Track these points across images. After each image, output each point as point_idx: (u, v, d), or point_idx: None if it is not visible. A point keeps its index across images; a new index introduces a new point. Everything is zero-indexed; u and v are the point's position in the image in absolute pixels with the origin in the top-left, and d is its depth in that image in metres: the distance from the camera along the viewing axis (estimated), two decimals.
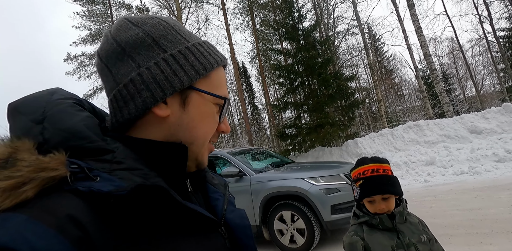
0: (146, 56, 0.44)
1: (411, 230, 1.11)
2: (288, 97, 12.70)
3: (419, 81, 14.93)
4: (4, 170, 0.32)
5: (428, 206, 4.59)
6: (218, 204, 0.52)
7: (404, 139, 9.16)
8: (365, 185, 1.13)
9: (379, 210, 1.11)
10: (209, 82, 0.47)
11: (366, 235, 1.10)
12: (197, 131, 0.47)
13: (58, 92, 0.45)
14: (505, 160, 6.99)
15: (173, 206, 0.39)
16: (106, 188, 0.34)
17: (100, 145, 0.40)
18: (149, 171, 0.41)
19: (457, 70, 35.18)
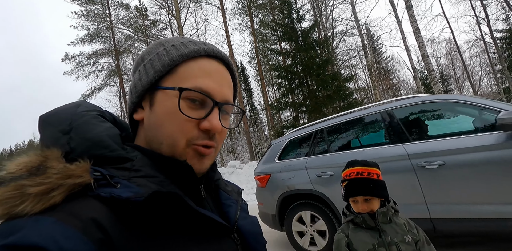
0: (134, 74, 0.51)
1: (395, 230, 1.15)
2: (286, 97, 12.74)
3: (417, 82, 15.02)
4: (36, 177, 0.35)
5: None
6: (231, 211, 0.52)
7: None
8: (349, 186, 1.22)
9: (361, 210, 1.19)
10: (176, 77, 0.47)
11: (350, 233, 1.17)
12: (163, 129, 0.46)
13: (83, 105, 0.49)
14: None
15: (187, 211, 0.40)
16: (125, 194, 0.37)
17: (120, 154, 0.44)
18: (165, 178, 0.43)
19: (454, 71, 35.47)
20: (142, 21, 20.08)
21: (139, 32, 19.21)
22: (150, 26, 20.33)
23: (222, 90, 0.48)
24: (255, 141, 35.28)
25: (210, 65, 0.48)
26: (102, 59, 20.60)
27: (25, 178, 0.35)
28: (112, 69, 21.02)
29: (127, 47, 20.55)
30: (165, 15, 20.30)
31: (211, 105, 0.47)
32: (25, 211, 0.33)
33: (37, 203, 0.33)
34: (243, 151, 32.38)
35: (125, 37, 20.45)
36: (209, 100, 0.47)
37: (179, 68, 0.47)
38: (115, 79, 21.25)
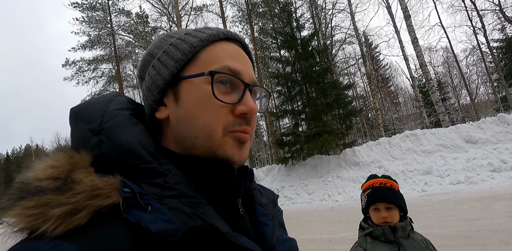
0: (146, 71, 0.46)
1: (413, 246, 1.17)
2: (286, 105, 12.80)
3: (415, 91, 15.16)
4: (62, 194, 0.32)
5: (426, 216, 4.64)
6: (267, 231, 0.46)
7: (401, 148, 9.25)
8: (372, 193, 1.26)
9: (382, 218, 1.20)
10: (199, 63, 0.44)
11: (369, 246, 1.18)
12: (196, 121, 0.42)
13: (116, 100, 0.45)
14: (500, 170, 7.09)
15: (223, 244, 0.36)
16: (154, 226, 0.32)
17: (154, 167, 0.38)
18: (200, 198, 0.38)
19: (451, 79, 35.75)
20: (143, 27, 20.27)
21: (139, 38, 19.36)
22: (151, 33, 20.50)
23: (249, 71, 0.46)
24: (253, 148, 35.19)
25: (232, 47, 0.46)
26: (102, 65, 20.68)
27: (50, 193, 0.32)
28: (112, 75, 21.08)
29: (127, 53, 20.68)
30: (166, 22, 20.51)
31: (242, 87, 0.44)
32: (46, 233, 0.30)
33: (59, 225, 0.30)
34: None
35: (125, 43, 20.60)
36: (239, 82, 0.43)
37: (201, 54, 0.44)
38: (115, 85, 21.29)
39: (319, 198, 8.37)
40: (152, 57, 0.46)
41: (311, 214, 6.56)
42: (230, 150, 0.42)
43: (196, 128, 0.42)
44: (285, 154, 11.50)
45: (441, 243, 3.37)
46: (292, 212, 7.17)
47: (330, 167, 9.73)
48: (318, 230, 4.87)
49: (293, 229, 5.34)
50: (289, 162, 10.86)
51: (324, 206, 7.37)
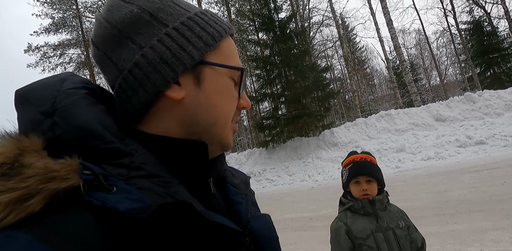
0: (146, 35, 0.39)
1: (390, 217, 1.24)
2: (265, 88, 12.76)
3: (389, 72, 15.58)
4: (8, 180, 0.28)
5: (399, 191, 4.93)
6: (241, 209, 0.47)
7: (376, 128, 9.62)
8: (353, 167, 1.30)
9: (362, 190, 1.25)
10: (220, 53, 0.43)
11: (349, 220, 1.23)
12: (217, 110, 0.42)
13: (69, 80, 0.40)
14: (466, 146, 7.60)
15: (198, 221, 0.34)
16: (123, 206, 0.29)
17: (118, 147, 0.35)
18: (171, 177, 0.37)
19: (423, 60, 37.36)
20: None
21: None
22: None
23: None
24: None
25: (234, 43, 0.47)
26: (69, 50, 19.33)
27: None
28: (82, 61, 19.84)
29: None
30: None
31: (238, 84, 0.46)
32: None
33: (8, 213, 0.27)
34: None
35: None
36: (238, 80, 0.46)
37: (223, 44, 0.43)
38: (85, 71, 20.11)
39: (300, 179, 8.62)
40: (159, 22, 0.40)
41: (293, 194, 6.77)
42: (230, 138, 0.45)
43: (216, 115, 0.42)
44: (266, 138, 11.62)
45: (413, 214, 3.59)
46: (274, 194, 7.36)
47: (310, 148, 9.97)
48: (300, 209, 5.06)
49: (276, 209, 5.50)
50: (269, 145, 11.01)
51: (304, 186, 7.62)
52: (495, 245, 2.46)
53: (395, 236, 1.19)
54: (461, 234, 2.80)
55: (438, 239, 2.80)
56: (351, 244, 1.19)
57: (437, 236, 2.86)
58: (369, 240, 1.17)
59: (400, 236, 1.20)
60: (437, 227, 3.07)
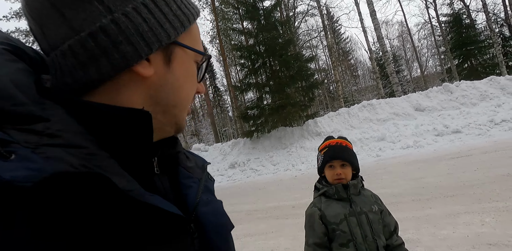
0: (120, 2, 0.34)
1: (363, 201, 1.24)
2: (250, 78, 12.63)
3: (372, 63, 15.78)
4: None
5: (379, 178, 5.06)
6: (190, 193, 0.44)
7: (359, 118, 9.78)
8: (328, 151, 1.28)
9: (336, 174, 1.23)
10: (190, 36, 0.42)
11: (323, 205, 1.22)
12: (182, 92, 0.41)
13: None
14: (443, 134, 7.88)
15: (121, 200, 0.29)
16: (10, 174, 0.24)
17: (31, 110, 0.29)
18: (98, 150, 0.31)
19: (405, 52, 38.34)
20: None
21: None
22: None
23: None
24: (219, 123, 35.01)
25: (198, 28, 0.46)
26: None
27: None
28: None
29: None
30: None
31: (200, 69, 0.45)
32: None
33: None
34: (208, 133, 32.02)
35: None
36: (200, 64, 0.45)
37: (193, 27, 0.42)
38: None
39: (284, 168, 8.71)
40: None
41: (276, 183, 6.83)
42: (184, 121, 0.45)
43: (179, 98, 0.41)
44: (250, 128, 11.59)
45: (392, 200, 3.72)
46: (258, 183, 7.40)
47: (294, 138, 10.04)
48: (283, 198, 5.10)
49: (259, 198, 5.54)
50: (254, 135, 10.99)
51: (288, 175, 7.70)
52: (466, 227, 2.56)
53: (368, 220, 1.19)
54: (435, 218, 2.91)
55: (413, 223, 2.89)
56: (324, 229, 1.18)
57: (412, 221, 2.96)
58: (342, 225, 1.17)
59: (373, 220, 1.19)
60: (413, 212, 3.17)
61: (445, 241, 2.42)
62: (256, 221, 4.09)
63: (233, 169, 10.08)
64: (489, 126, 7.59)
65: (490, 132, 7.35)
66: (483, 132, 7.43)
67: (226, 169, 10.26)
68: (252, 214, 4.52)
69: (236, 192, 6.89)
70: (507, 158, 4.60)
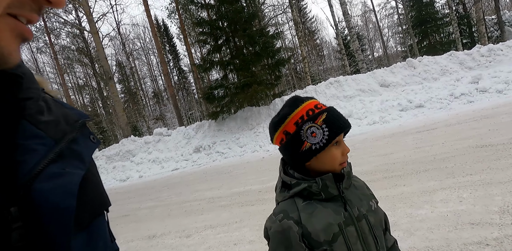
0: None
1: (358, 197, 0.78)
2: (213, 56, 11.79)
3: (338, 39, 15.58)
4: None
5: (348, 156, 4.84)
6: (29, 160, 0.31)
7: (326, 95, 9.57)
8: (332, 118, 0.74)
9: (346, 154, 0.77)
10: None
11: (302, 214, 0.71)
12: None
13: None
14: (407, 109, 7.92)
15: None
16: None
17: None
18: None
19: (368, 32, 39.38)
20: None
21: None
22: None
23: None
24: (185, 106, 33.65)
25: None
26: None
27: None
28: None
29: None
30: None
31: None
32: None
33: None
34: (173, 117, 30.65)
35: None
36: None
37: None
38: None
39: (251, 150, 8.34)
40: None
41: (243, 166, 6.44)
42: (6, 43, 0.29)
43: None
44: (215, 109, 10.95)
45: (363, 179, 3.44)
46: (224, 167, 6.97)
47: (261, 118, 9.64)
48: (249, 182, 4.72)
49: (224, 184, 5.11)
50: (219, 117, 10.40)
51: (255, 157, 7.34)
52: (444, 205, 2.33)
53: (370, 226, 0.74)
54: (411, 196, 2.67)
55: (388, 203, 2.63)
56: None
57: (387, 200, 2.70)
58: (338, 243, 0.70)
59: (375, 226, 0.76)
60: (387, 191, 2.93)
61: (424, 222, 2.16)
62: (218, 210, 3.67)
63: (198, 153, 9.52)
64: (450, 100, 7.75)
65: (450, 105, 7.50)
66: (444, 105, 7.57)
67: (191, 153, 9.67)
68: (215, 201, 4.09)
69: (200, 177, 6.41)
70: (470, 129, 4.58)
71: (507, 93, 7.18)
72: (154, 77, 40.17)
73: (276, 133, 0.79)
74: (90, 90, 32.89)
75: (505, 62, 8.82)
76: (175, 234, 3.25)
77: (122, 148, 11.41)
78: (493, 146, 3.44)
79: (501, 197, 2.23)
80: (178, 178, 7.13)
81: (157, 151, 10.63)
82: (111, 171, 10.69)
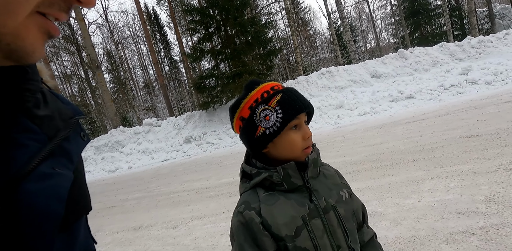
0: None
1: (327, 187, 0.71)
2: (204, 45, 11.51)
3: (331, 29, 15.39)
4: None
5: (338, 146, 4.84)
6: (19, 157, 0.29)
7: (318, 85, 9.50)
8: (287, 100, 0.66)
9: (308, 139, 0.68)
10: None
11: (263, 205, 0.65)
12: None
13: None
14: (397, 100, 7.94)
15: None
16: None
17: None
18: None
19: (360, 23, 39.26)
20: None
21: None
22: None
23: None
24: (176, 97, 33.18)
25: None
26: None
27: None
28: None
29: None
30: None
31: None
32: None
33: None
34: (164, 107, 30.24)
35: None
36: None
37: None
38: None
39: None
40: None
41: (233, 157, 6.39)
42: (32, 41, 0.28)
43: None
44: (206, 99, 10.78)
45: (352, 169, 3.46)
46: (215, 157, 6.91)
47: None
48: (237, 172, 4.65)
49: (213, 174, 5.06)
50: (210, 107, 10.26)
51: None
52: (431, 195, 2.33)
53: (339, 218, 0.68)
54: (398, 186, 2.66)
55: (376, 193, 2.62)
56: (274, 247, 0.64)
57: (375, 190, 2.69)
58: (301, 237, 0.64)
59: (346, 217, 0.69)
60: (374, 181, 2.91)
61: (411, 212, 2.15)
62: (206, 201, 3.62)
63: (189, 144, 9.41)
64: (439, 91, 7.79)
65: (440, 96, 7.55)
66: (434, 97, 7.60)
67: (181, 144, 9.56)
68: (203, 192, 4.04)
69: (189, 168, 6.34)
70: (459, 120, 4.60)
71: (495, 84, 7.25)
72: (145, 66, 39.36)
73: (234, 120, 0.72)
74: (78, 79, 32.06)
75: (494, 54, 8.88)
76: (161, 225, 3.20)
77: (111, 139, 11.20)
78: (481, 136, 3.46)
79: (487, 186, 2.23)
80: (167, 169, 7.04)
81: (146, 142, 10.48)
82: (99, 162, 10.51)
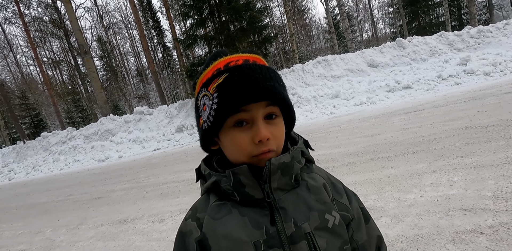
0: None
1: (305, 205, 0.49)
2: (196, 30, 11.07)
3: (328, 17, 14.98)
4: None
5: (334, 136, 4.68)
6: None
7: (313, 74, 9.26)
8: (231, 82, 0.45)
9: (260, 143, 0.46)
10: None
11: (207, 218, 0.48)
12: None
13: None
14: (394, 90, 7.78)
15: None
16: None
17: None
18: None
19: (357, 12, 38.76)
20: None
21: None
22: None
23: None
24: (170, 85, 32.54)
25: None
26: None
27: None
28: None
29: None
30: None
31: None
32: None
33: None
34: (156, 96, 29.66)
35: None
36: None
37: None
38: None
39: None
40: None
41: None
42: None
43: None
44: None
45: (349, 160, 3.30)
46: None
47: None
48: None
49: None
50: None
51: None
52: (434, 189, 2.18)
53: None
54: (398, 179, 2.52)
55: (375, 186, 2.47)
56: None
57: (374, 183, 2.54)
58: None
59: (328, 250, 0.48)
60: (373, 173, 2.77)
61: (413, 208, 2.01)
62: (195, 192, 3.45)
63: (181, 132, 9.18)
64: (437, 82, 7.64)
65: (437, 87, 7.40)
66: (431, 87, 7.46)
67: (173, 133, 9.32)
68: (193, 183, 3.86)
69: (180, 158, 6.14)
70: (459, 111, 4.46)
71: (494, 75, 7.12)
72: (138, 53, 38.35)
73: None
74: (68, 66, 31.08)
75: (493, 44, 8.71)
76: (147, 218, 3.03)
77: (101, 127, 10.88)
78: (483, 127, 3.32)
79: (494, 181, 2.09)
80: (158, 159, 6.84)
81: (137, 131, 10.20)
82: (89, 151, 10.24)
